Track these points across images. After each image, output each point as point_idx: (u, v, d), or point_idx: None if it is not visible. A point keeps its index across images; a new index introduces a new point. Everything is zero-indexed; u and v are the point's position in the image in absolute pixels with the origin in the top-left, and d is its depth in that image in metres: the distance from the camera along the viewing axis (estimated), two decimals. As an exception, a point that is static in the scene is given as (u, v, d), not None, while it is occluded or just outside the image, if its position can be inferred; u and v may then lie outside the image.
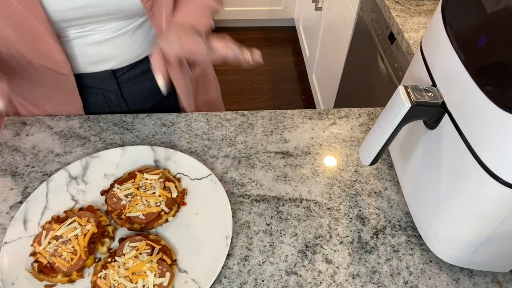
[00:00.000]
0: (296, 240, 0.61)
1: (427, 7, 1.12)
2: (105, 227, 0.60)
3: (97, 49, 0.73)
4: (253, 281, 0.56)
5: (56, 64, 0.70)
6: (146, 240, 0.57)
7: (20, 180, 0.67)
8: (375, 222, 0.63)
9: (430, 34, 0.55)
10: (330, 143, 0.75)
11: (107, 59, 0.76)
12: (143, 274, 0.53)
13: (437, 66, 0.52)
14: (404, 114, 0.50)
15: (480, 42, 0.43)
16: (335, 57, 1.76)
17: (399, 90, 0.50)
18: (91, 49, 0.73)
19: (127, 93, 0.84)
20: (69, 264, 0.54)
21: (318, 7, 1.99)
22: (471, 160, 0.45)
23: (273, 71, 2.53)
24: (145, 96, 0.87)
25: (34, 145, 0.72)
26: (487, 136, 0.43)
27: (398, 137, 0.65)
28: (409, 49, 0.98)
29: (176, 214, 0.62)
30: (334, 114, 0.81)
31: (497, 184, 0.43)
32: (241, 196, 0.66)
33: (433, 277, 0.57)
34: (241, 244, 0.60)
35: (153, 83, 0.86)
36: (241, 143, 0.74)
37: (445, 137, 0.51)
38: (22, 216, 0.60)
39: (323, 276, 0.57)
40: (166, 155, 0.69)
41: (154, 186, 0.62)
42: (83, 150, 0.72)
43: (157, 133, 0.75)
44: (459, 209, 0.50)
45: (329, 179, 0.69)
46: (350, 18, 1.51)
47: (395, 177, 0.69)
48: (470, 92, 0.44)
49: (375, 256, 0.59)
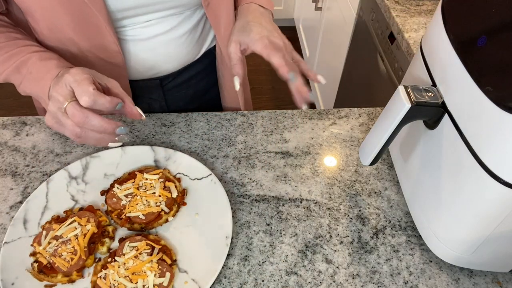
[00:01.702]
0: (296, 240, 0.61)
1: (427, 7, 1.12)
2: (105, 227, 0.60)
3: (149, 53, 0.74)
4: (253, 281, 0.56)
5: (111, 55, 0.69)
6: (146, 240, 0.57)
7: (20, 180, 0.67)
8: (375, 222, 0.63)
9: (430, 34, 0.55)
10: (330, 143, 0.75)
11: (157, 65, 0.76)
12: (143, 274, 0.53)
13: (437, 66, 0.52)
14: (404, 114, 0.50)
15: (480, 42, 0.43)
16: (335, 57, 1.76)
17: (399, 90, 0.50)
18: (144, 54, 0.73)
19: (170, 101, 0.86)
20: (69, 264, 0.54)
21: (318, 7, 1.99)
22: (471, 160, 0.45)
23: (273, 71, 2.52)
24: (187, 101, 0.88)
25: (34, 145, 0.72)
26: (487, 136, 0.43)
27: (398, 137, 0.65)
28: (409, 49, 0.98)
29: (176, 214, 0.62)
30: (334, 114, 0.81)
31: (497, 184, 0.43)
32: (241, 196, 0.66)
33: (433, 277, 0.57)
34: (241, 244, 0.60)
35: (195, 89, 0.88)
36: (241, 143, 0.74)
37: (445, 137, 0.51)
38: (22, 216, 0.60)
39: (323, 276, 0.57)
40: (166, 155, 0.69)
41: (154, 186, 0.62)
42: (83, 150, 0.72)
43: (157, 133, 0.75)
44: (459, 209, 0.50)
45: (329, 179, 0.69)
46: (350, 18, 1.51)
47: (395, 177, 0.69)
48: (470, 92, 0.44)
49: (375, 256, 0.59)
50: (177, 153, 0.69)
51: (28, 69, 0.61)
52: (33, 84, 0.60)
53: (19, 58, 0.62)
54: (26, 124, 0.76)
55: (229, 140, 0.75)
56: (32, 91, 0.62)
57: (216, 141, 0.74)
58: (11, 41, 0.63)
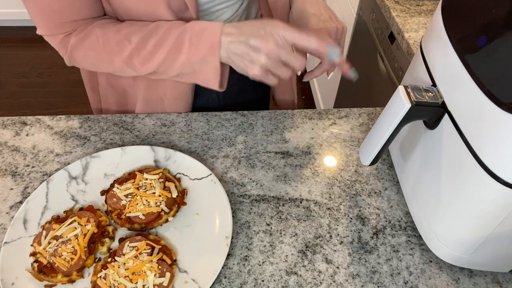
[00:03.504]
0: (296, 240, 0.61)
1: (427, 7, 1.12)
2: (105, 227, 0.60)
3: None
4: (253, 281, 0.56)
5: None
6: (146, 240, 0.57)
7: (20, 180, 0.67)
8: (375, 222, 0.63)
9: (430, 34, 0.55)
10: (330, 143, 0.75)
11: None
12: (143, 274, 0.53)
13: (437, 66, 0.52)
14: (404, 114, 0.50)
15: (480, 42, 0.43)
16: (335, 57, 1.75)
17: (399, 90, 0.50)
18: None
19: (222, 96, 0.86)
20: (69, 264, 0.54)
21: (318, 7, 1.98)
22: (471, 160, 0.45)
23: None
24: (235, 93, 0.87)
25: (34, 145, 0.72)
26: (487, 136, 0.43)
27: (398, 137, 0.65)
28: (409, 49, 0.98)
29: (176, 214, 0.62)
30: (334, 114, 0.81)
31: (497, 184, 0.43)
32: (241, 196, 0.66)
33: (433, 277, 0.57)
34: (241, 244, 0.60)
35: (246, 82, 0.86)
36: (241, 143, 0.74)
37: (445, 137, 0.51)
38: (22, 216, 0.60)
39: (323, 276, 0.57)
40: (166, 155, 0.69)
41: (154, 186, 0.62)
42: (83, 150, 0.72)
43: (157, 133, 0.75)
44: (459, 209, 0.50)
45: (329, 179, 0.69)
46: (350, 18, 1.51)
47: (395, 177, 0.69)
48: (470, 92, 0.44)
49: (375, 256, 0.59)
50: (177, 153, 0.69)
51: (190, 36, 0.62)
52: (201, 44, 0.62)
53: (173, 34, 0.63)
54: (26, 124, 0.76)
55: (229, 140, 0.75)
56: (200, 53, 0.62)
57: (216, 141, 0.74)
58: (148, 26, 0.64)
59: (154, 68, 0.65)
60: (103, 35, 0.65)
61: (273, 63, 0.58)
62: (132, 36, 0.64)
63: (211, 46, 0.61)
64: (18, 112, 2.24)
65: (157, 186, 0.62)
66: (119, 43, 0.64)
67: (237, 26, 0.61)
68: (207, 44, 0.61)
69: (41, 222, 0.60)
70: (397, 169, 0.68)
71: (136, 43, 0.64)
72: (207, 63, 0.62)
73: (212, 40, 0.61)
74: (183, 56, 0.63)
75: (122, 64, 0.66)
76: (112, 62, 0.66)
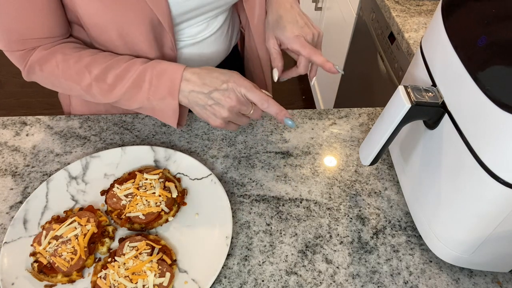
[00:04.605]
0: (296, 240, 0.61)
1: (427, 7, 1.12)
2: (105, 227, 0.60)
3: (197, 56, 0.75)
4: (253, 281, 0.56)
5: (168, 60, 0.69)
6: (146, 240, 0.57)
7: (20, 180, 0.67)
8: (375, 222, 0.63)
9: (430, 34, 0.55)
10: (330, 143, 0.75)
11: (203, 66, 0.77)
12: (143, 274, 0.53)
13: (437, 66, 0.52)
14: (404, 114, 0.50)
15: (480, 42, 0.43)
16: (335, 57, 1.76)
17: (399, 90, 0.50)
18: (193, 57, 0.74)
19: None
20: (69, 264, 0.54)
21: (318, 7, 1.99)
22: (471, 160, 0.45)
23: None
24: None
25: (34, 145, 0.72)
26: (487, 136, 0.43)
27: (398, 137, 0.65)
28: (409, 49, 0.98)
29: (176, 214, 0.62)
30: (334, 114, 0.81)
31: (497, 184, 0.43)
32: (241, 196, 0.66)
33: (433, 277, 0.57)
34: (241, 244, 0.60)
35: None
36: (241, 143, 0.74)
37: (445, 137, 0.51)
38: (22, 216, 0.60)
39: (323, 276, 0.57)
40: (166, 155, 0.69)
41: (154, 186, 0.62)
42: (83, 150, 0.72)
43: (157, 133, 0.75)
44: (459, 209, 0.50)
45: (329, 179, 0.69)
46: (350, 18, 1.51)
47: (395, 177, 0.69)
48: (470, 92, 0.44)
49: (375, 256, 0.59)
50: (177, 153, 0.69)
51: (150, 77, 0.62)
52: (162, 88, 0.62)
53: (134, 70, 0.63)
54: (26, 124, 0.76)
55: (229, 140, 0.75)
56: (160, 94, 0.62)
57: (216, 141, 0.74)
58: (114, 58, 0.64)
59: (115, 99, 0.65)
60: (63, 61, 0.63)
61: (234, 116, 0.62)
62: (92, 67, 0.63)
63: (171, 91, 0.61)
64: (18, 112, 2.24)
65: (157, 186, 0.62)
66: (79, 72, 0.63)
67: (199, 74, 0.61)
68: (166, 87, 0.61)
69: (41, 222, 0.60)
70: (397, 169, 0.68)
71: (96, 74, 0.63)
72: (166, 104, 0.63)
73: (172, 85, 0.61)
74: (144, 94, 0.63)
75: (82, 92, 0.65)
76: (71, 89, 0.66)
